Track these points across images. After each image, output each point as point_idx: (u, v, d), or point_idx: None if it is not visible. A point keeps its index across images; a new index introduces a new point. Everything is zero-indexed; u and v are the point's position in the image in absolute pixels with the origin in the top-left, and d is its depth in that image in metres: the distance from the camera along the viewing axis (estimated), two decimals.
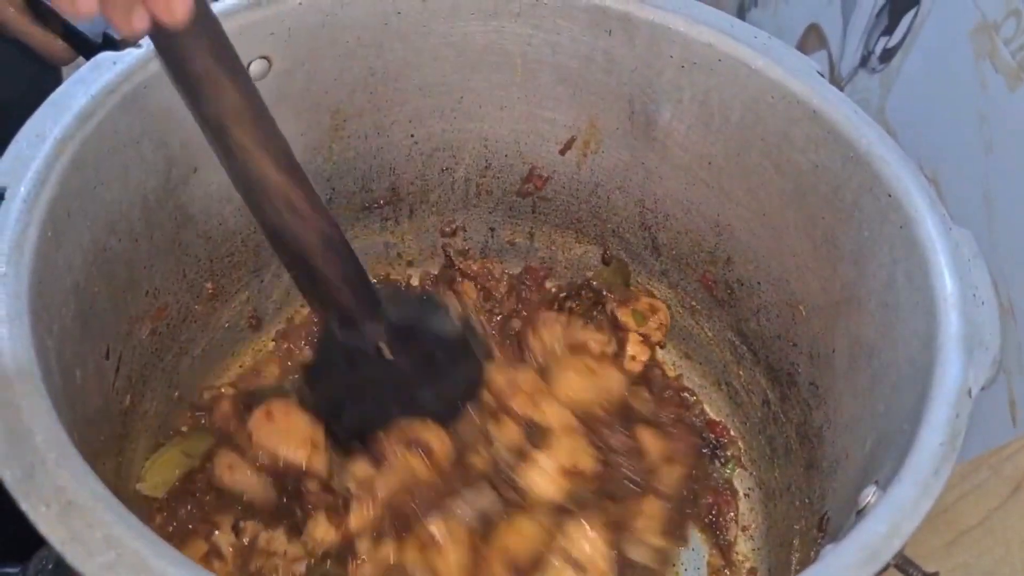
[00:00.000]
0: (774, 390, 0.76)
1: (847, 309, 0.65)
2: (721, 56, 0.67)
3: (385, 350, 0.65)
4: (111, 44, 0.71)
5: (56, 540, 0.39)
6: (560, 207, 0.84)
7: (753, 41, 0.67)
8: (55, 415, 0.43)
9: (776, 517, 0.76)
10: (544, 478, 0.67)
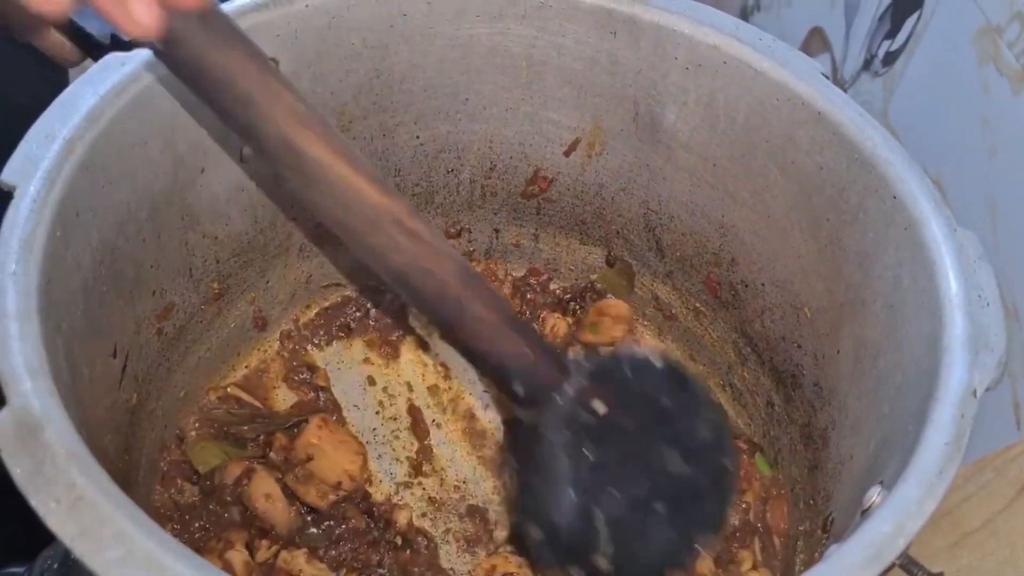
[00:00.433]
0: (778, 392, 0.76)
1: (852, 311, 0.65)
2: (726, 58, 0.67)
3: (599, 404, 0.53)
4: (119, 45, 0.71)
5: (66, 536, 0.39)
6: (564, 209, 0.84)
7: (758, 43, 0.67)
8: (65, 412, 0.44)
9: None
10: None
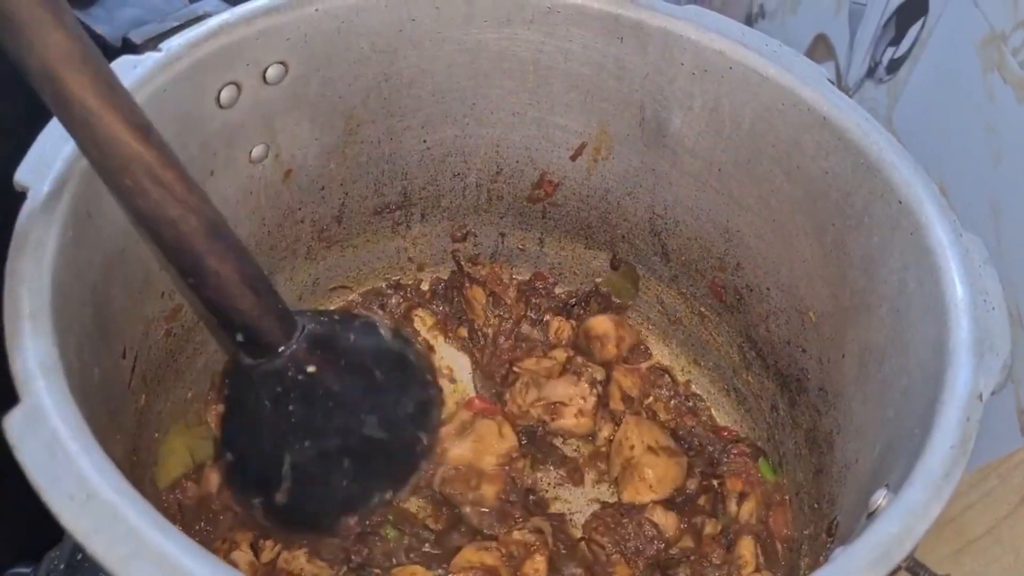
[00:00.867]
0: (783, 396, 0.76)
1: (857, 315, 0.65)
2: (732, 63, 0.67)
3: (311, 368, 0.57)
4: (130, 48, 0.72)
5: (80, 532, 0.39)
6: (570, 213, 0.84)
7: (764, 49, 0.67)
8: (78, 411, 0.44)
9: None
10: None
